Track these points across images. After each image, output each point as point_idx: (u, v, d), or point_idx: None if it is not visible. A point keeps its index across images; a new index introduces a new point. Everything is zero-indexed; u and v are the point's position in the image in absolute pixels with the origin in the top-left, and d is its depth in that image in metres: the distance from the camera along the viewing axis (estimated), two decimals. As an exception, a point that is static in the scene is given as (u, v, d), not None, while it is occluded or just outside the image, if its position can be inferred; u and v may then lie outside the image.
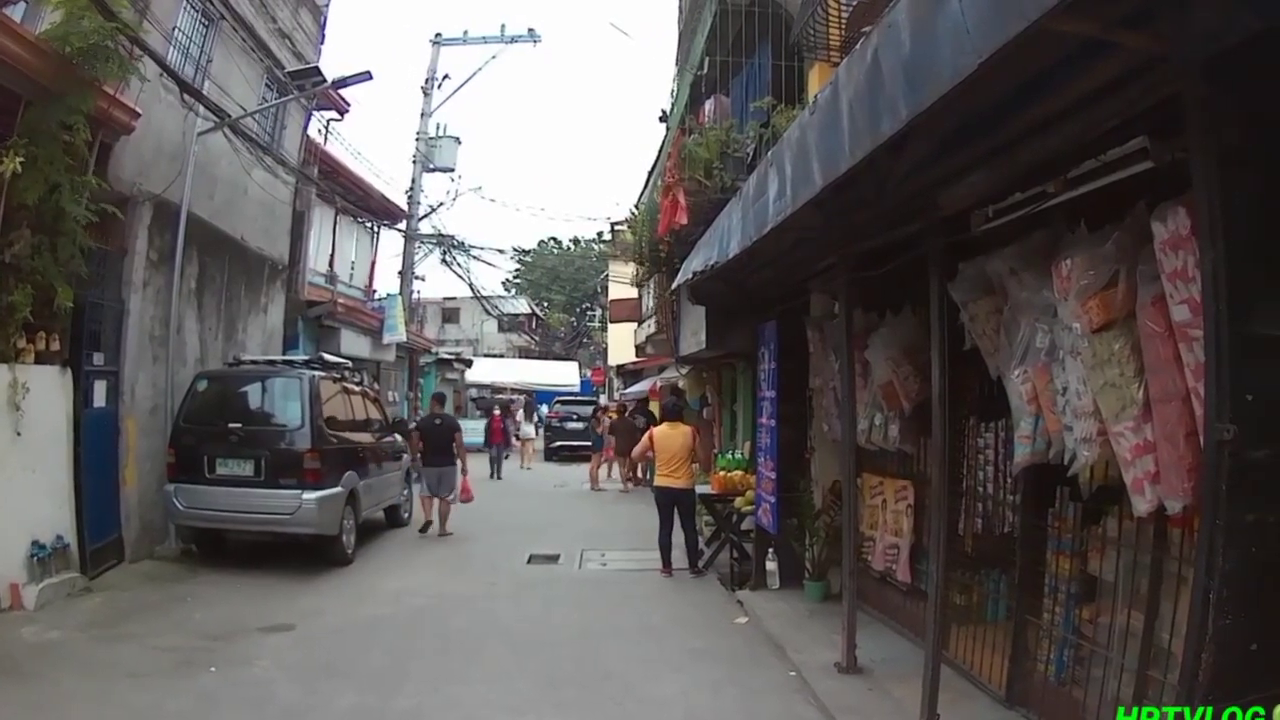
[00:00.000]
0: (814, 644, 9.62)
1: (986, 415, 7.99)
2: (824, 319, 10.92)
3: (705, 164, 12.26)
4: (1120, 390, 5.10)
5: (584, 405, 39.22)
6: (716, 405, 22.14)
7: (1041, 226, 6.14)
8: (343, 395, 15.71)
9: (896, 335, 8.97)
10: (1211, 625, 3.96)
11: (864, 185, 6.83)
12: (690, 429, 14.47)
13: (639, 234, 17.54)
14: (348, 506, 14.30)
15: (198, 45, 15.63)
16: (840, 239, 8.19)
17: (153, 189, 13.78)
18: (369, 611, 11.38)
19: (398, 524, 18.24)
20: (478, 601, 12.12)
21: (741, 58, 13.81)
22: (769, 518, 11.76)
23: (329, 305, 23.36)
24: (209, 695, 8.16)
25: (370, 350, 27.24)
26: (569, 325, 73.63)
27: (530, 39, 34.41)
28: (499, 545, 16.42)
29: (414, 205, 33.65)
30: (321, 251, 24.74)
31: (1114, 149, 4.87)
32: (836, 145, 5.55)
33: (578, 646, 10.08)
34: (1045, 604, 7.10)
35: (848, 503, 8.85)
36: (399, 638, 10.22)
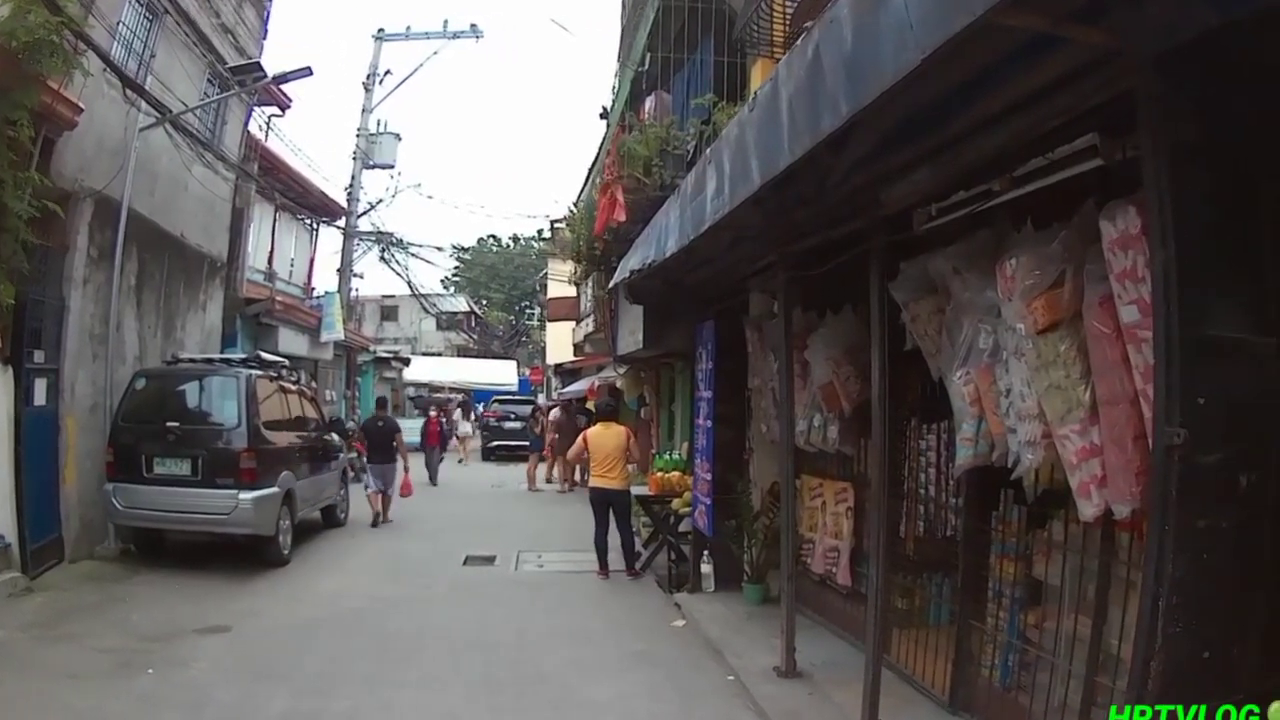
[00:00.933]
0: (753, 647, 9.47)
1: (928, 417, 7.89)
2: (763, 318, 10.79)
3: (644, 161, 12.08)
4: (1066, 392, 4.99)
5: (522, 405, 38.85)
6: (654, 405, 21.95)
7: (985, 225, 6.05)
8: (279, 394, 15.52)
9: (837, 335, 8.86)
10: (1161, 633, 3.84)
11: (804, 183, 6.69)
12: (625, 429, 14.32)
13: (577, 232, 17.34)
14: (284, 507, 14.12)
15: (141, 40, 15.34)
16: (780, 237, 8.05)
17: (94, 185, 13.52)
18: (305, 613, 11.19)
19: (334, 524, 18.06)
20: (414, 603, 11.93)
21: (684, 54, 13.64)
22: (705, 520, 11.60)
23: (267, 303, 23.03)
24: (148, 697, 8.01)
25: (308, 349, 26.89)
26: (507, 324, 73.10)
27: (473, 34, 34.24)
28: (435, 547, 16.23)
29: (353, 202, 33.29)
30: (260, 249, 24.51)
31: (1062, 146, 4.78)
32: (776, 142, 5.43)
33: (514, 649, 9.91)
34: (989, 608, 7.01)
35: (787, 505, 8.73)
36: (334, 640, 10.04)
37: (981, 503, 7.10)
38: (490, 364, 56.74)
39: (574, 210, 18.76)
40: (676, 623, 11.10)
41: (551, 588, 13.27)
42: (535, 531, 18.18)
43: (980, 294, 5.79)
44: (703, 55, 13.11)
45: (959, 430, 6.21)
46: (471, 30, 34.31)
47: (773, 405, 10.49)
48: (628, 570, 13.81)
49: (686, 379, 16.79)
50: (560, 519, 19.71)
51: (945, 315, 6.48)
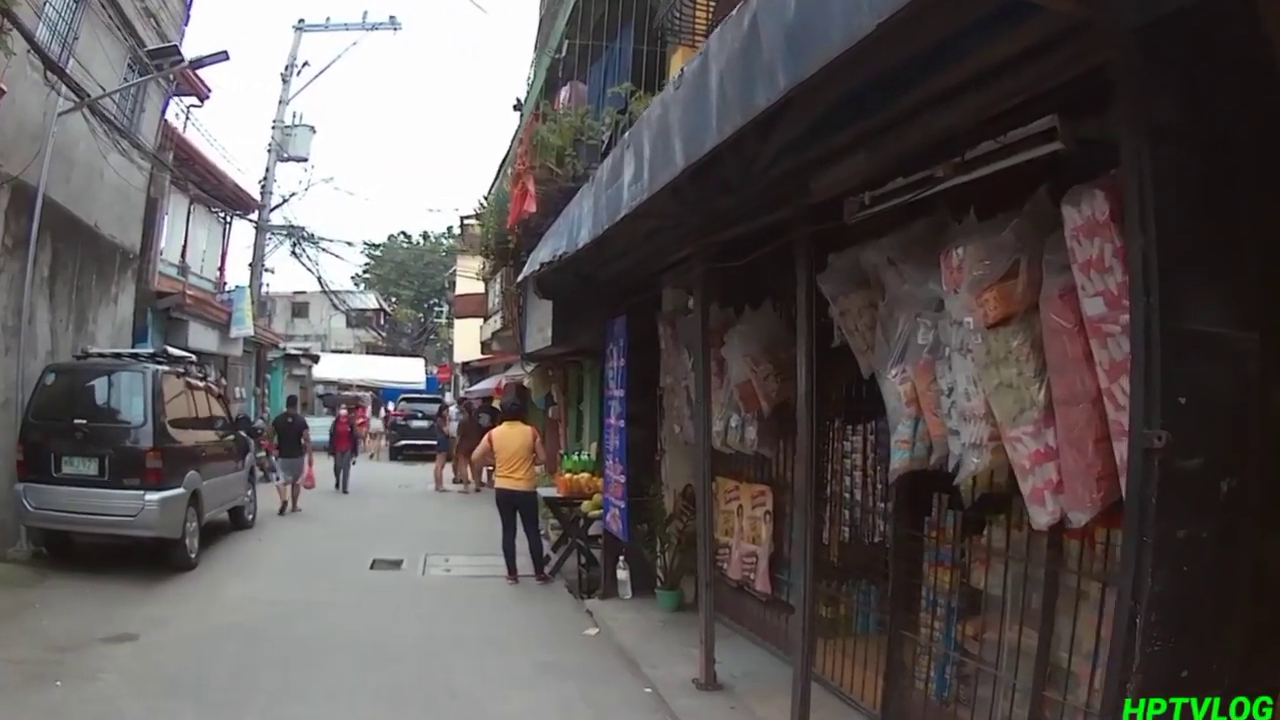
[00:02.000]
0: (669, 657, 8.97)
1: (853, 417, 7.46)
2: (676, 314, 10.29)
3: (557, 151, 11.47)
4: (1018, 391, 4.55)
5: (429, 403, 38.21)
6: (562, 404, 21.38)
7: (922, 215, 5.62)
8: (186, 391, 14.88)
9: (756, 332, 8.34)
10: (1139, 653, 3.42)
11: (728, 168, 6.25)
12: (531, 428, 13.82)
13: (486, 226, 16.71)
14: (190, 508, 13.50)
15: (66, 20, 14.71)
16: (699, 228, 7.56)
17: (10, 171, 12.91)
18: (212, 621, 10.61)
19: (242, 525, 17.37)
20: (321, 610, 11.34)
21: (603, 42, 13.12)
22: (619, 524, 11.04)
23: (178, 297, 22.42)
24: (56, 711, 7.59)
25: (218, 344, 26.35)
26: (416, 321, 72.48)
27: (391, 26, 33.96)
28: (343, 549, 15.61)
29: (267, 195, 32.72)
30: (174, 241, 24.03)
31: (1015, 130, 4.38)
32: (702, 122, 4.96)
33: (422, 660, 9.37)
34: (923, 619, 6.61)
35: (704, 509, 8.22)
36: (242, 649, 9.50)
37: (913, 508, 6.70)
38: (398, 362, 56.32)
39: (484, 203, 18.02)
40: (589, 631, 10.57)
41: (459, 593, 12.74)
42: (442, 533, 17.67)
43: (920, 286, 5.30)
44: (622, 44, 12.59)
45: (894, 432, 5.71)
46: (390, 22, 34.05)
47: (686, 405, 10.04)
48: (537, 575, 13.25)
49: (595, 377, 16.30)
50: (467, 521, 19.06)
51: (878, 310, 6.01)
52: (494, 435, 13.65)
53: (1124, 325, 3.70)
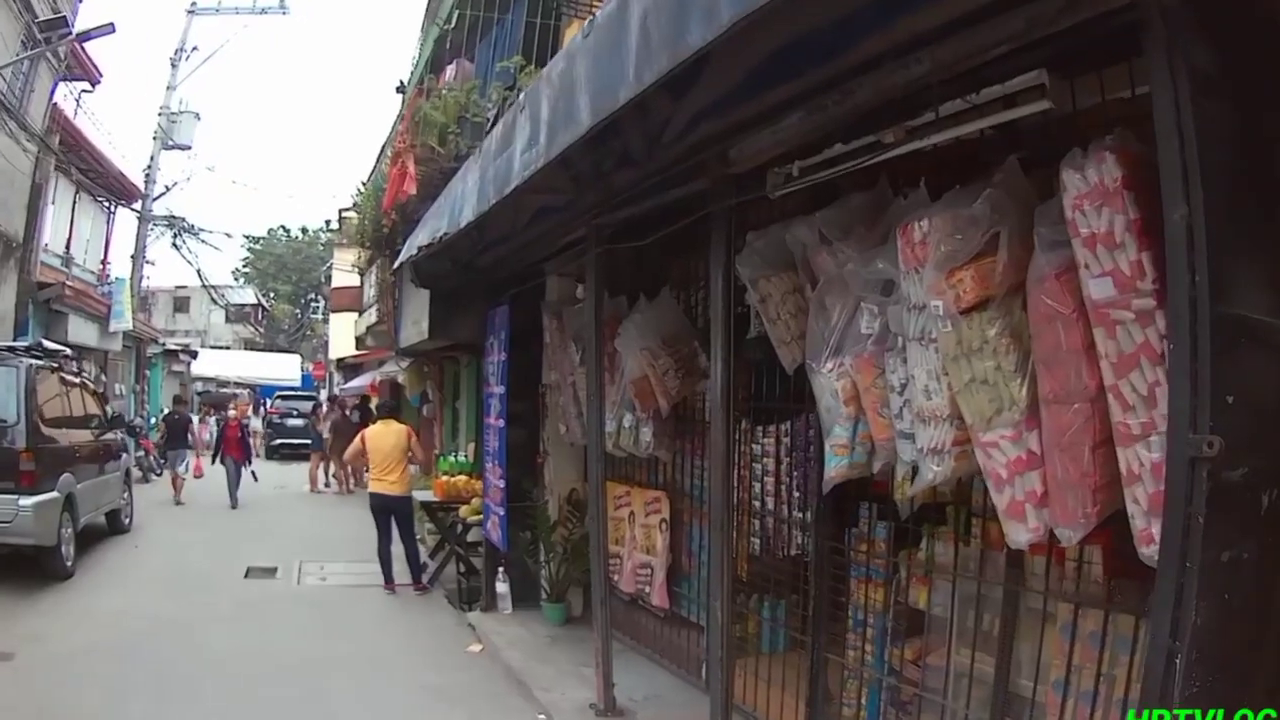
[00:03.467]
0: (562, 679, 8.02)
1: (763, 418, 6.58)
2: (563, 304, 9.30)
3: (440, 128, 10.33)
4: (995, 388, 3.74)
5: (305, 400, 36.81)
6: (438, 402, 20.14)
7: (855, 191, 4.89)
8: (61, 387, 13.59)
9: (653, 322, 7.38)
10: (1179, 696, 2.80)
11: (631, 138, 5.44)
12: (406, 428, 12.75)
13: (363, 213, 15.50)
14: (65, 513, 12.23)
15: None
16: (594, 206, 6.60)
17: None
18: (88, 637, 9.52)
19: (119, 530, 15.99)
20: (196, 626, 10.17)
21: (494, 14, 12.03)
22: (498, 532, 9.99)
23: (58, 288, 21.19)
24: None
25: (98, 339, 25.06)
26: (294, 317, 70.55)
27: (280, 9, 33.32)
28: (218, 555, 14.31)
29: (150, 184, 31.60)
30: (59, 229, 22.91)
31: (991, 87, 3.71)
32: (617, 70, 4.14)
33: (300, 683, 8.34)
34: (850, 639, 5.87)
35: (596, 519, 7.22)
36: (116, 670, 8.47)
37: (837, 519, 5.91)
38: (274, 358, 54.72)
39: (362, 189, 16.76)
40: (473, 648, 9.54)
41: (336, 605, 11.62)
42: (318, 538, 16.48)
43: (866, 267, 4.40)
44: (514, 17, 11.52)
45: (828, 435, 4.81)
46: (279, 6, 33.34)
47: (573, 403, 9.10)
48: (415, 585, 12.17)
49: (473, 373, 15.20)
50: (342, 524, 17.75)
51: (805, 295, 5.15)
52: (367, 435, 12.62)
53: (1138, 311, 3.11)
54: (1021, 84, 3.62)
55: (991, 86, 3.72)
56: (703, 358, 7.18)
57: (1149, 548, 3.13)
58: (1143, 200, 3.08)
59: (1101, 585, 4.30)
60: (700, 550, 7.70)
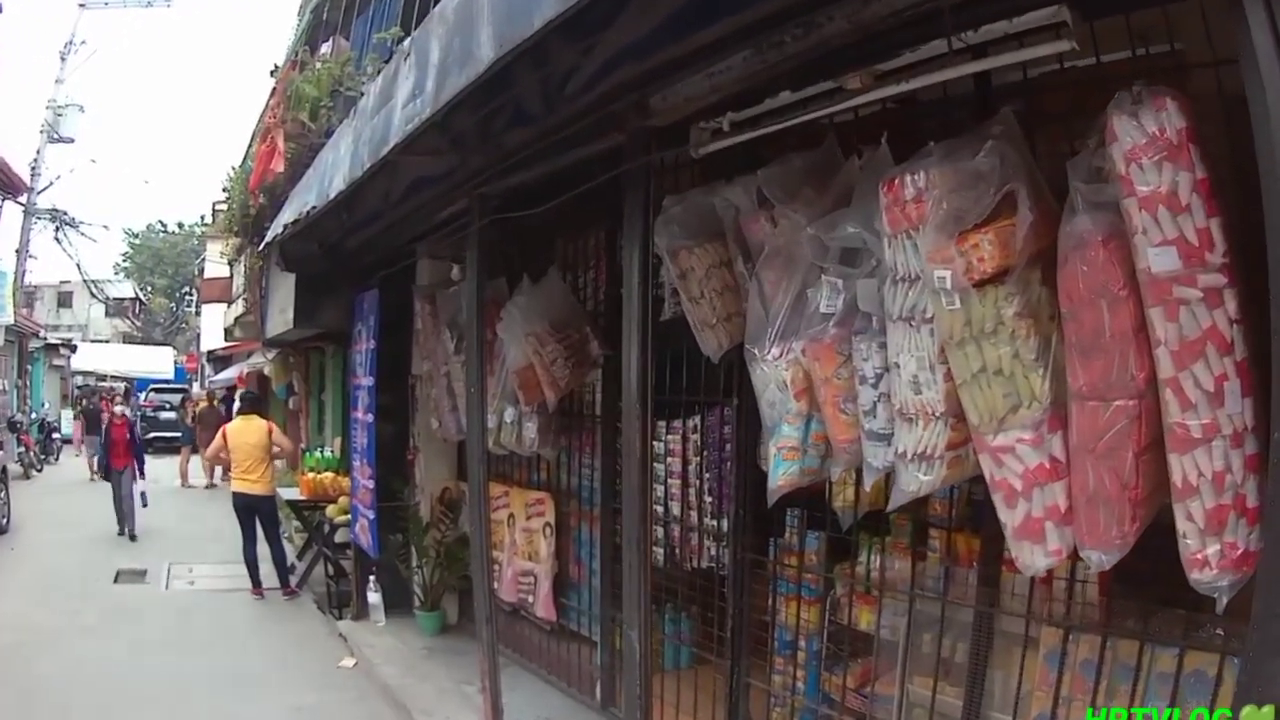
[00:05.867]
0: (443, 699, 6.86)
1: (667, 412, 5.40)
2: (436, 288, 8.01)
3: (312, 103, 8.97)
4: (1013, 380, 2.73)
5: (177, 394, 34.84)
6: (304, 394, 18.48)
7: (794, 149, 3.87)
8: None
9: (540, 306, 6.16)
10: None
11: (526, 90, 4.31)
12: (268, 424, 11.42)
13: (232, 197, 13.96)
14: None
15: None
16: (478, 173, 5.39)
17: None
18: None
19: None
20: (64, 638, 9.01)
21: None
22: (368, 537, 8.66)
23: None
24: None
25: None
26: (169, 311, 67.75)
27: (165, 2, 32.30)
28: (90, 557, 13.01)
29: (36, 177, 29.46)
30: None
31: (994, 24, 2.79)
32: None
33: (170, 704, 7.24)
34: (777, 664, 4.87)
35: (478, 524, 5.86)
36: None
37: (759, 527, 4.85)
38: (148, 351, 51.98)
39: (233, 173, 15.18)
40: (345, 662, 8.27)
41: (205, 612, 10.28)
42: (186, 536, 15.06)
43: (829, 230, 3.28)
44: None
45: (774, 435, 3.68)
46: None
47: (446, 395, 7.86)
48: (283, 589, 10.82)
49: (339, 364, 13.82)
50: (211, 519, 16.27)
51: (735, 270, 4.08)
52: (228, 430, 11.26)
53: (1206, 289, 2.39)
54: (1037, 21, 2.70)
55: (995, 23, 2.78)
56: (595, 345, 6.09)
57: (1202, 573, 2.46)
58: (1207, 158, 2.39)
59: (1098, 606, 3.47)
60: (591, 558, 6.59)
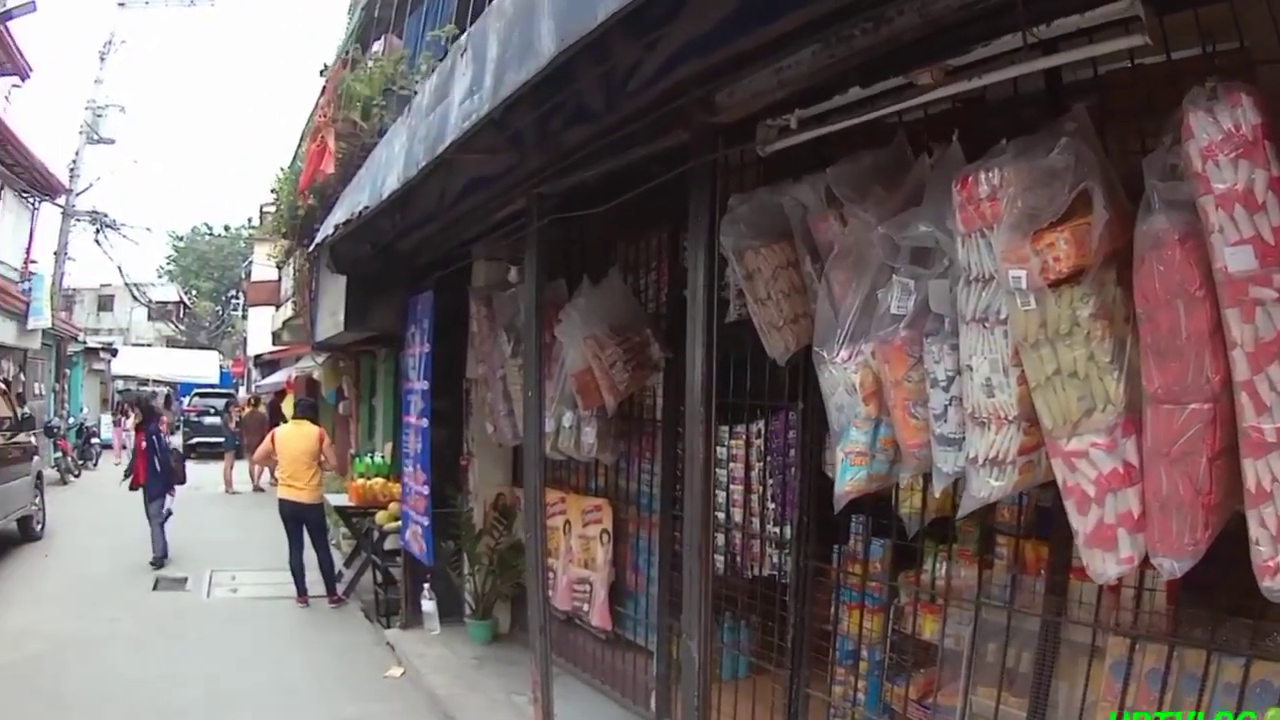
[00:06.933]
0: (493, 710, 6.96)
1: (730, 416, 5.45)
2: (492, 290, 8.16)
3: (364, 102, 9.09)
4: (1087, 383, 2.78)
5: (221, 398, 35.12)
6: (354, 399, 18.63)
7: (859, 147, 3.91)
8: None
9: (600, 308, 6.27)
10: None
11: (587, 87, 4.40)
12: (319, 431, 11.53)
13: (281, 199, 14.16)
14: None
15: None
16: (536, 172, 5.51)
17: None
18: None
19: (31, 537, 14.78)
20: (99, 646, 9.03)
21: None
22: (422, 544, 8.75)
23: None
24: None
25: (16, 336, 23.49)
26: (215, 314, 68.71)
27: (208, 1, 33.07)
28: (127, 563, 13.01)
29: (75, 179, 29.98)
30: None
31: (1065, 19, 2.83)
32: None
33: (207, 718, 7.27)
34: (837, 673, 4.91)
35: (534, 531, 6.02)
36: (9, 700, 7.49)
37: (821, 534, 4.91)
38: (193, 355, 52.65)
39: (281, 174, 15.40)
40: (393, 671, 8.36)
41: (247, 621, 10.38)
42: (230, 543, 15.19)
43: (902, 230, 3.34)
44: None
45: (842, 439, 3.73)
46: None
47: (502, 399, 7.99)
48: (329, 596, 10.99)
49: (390, 368, 14.05)
50: (256, 527, 16.39)
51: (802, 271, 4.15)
52: (276, 436, 11.46)
53: None
54: (1108, 15, 2.73)
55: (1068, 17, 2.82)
56: (656, 348, 6.19)
57: (1274, 580, 2.50)
58: (1279, 154, 2.42)
59: (1165, 615, 3.48)
60: (648, 566, 6.67)
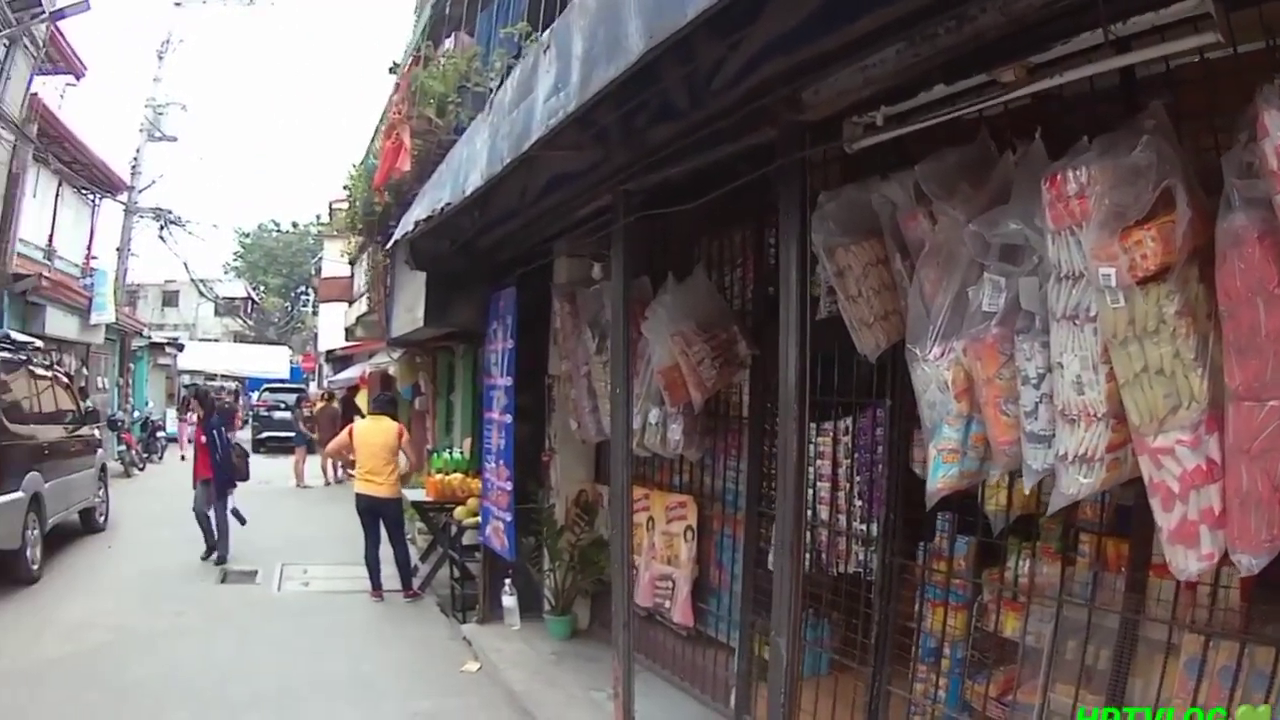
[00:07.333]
0: (571, 706, 7.17)
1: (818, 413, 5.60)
2: (576, 286, 8.40)
3: (439, 98, 9.35)
4: (1173, 380, 2.92)
5: (291, 393, 36.07)
6: (430, 394, 19.05)
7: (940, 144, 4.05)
8: (29, 380, 12.80)
9: (687, 304, 6.46)
10: None
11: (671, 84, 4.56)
12: (398, 427, 11.79)
13: (354, 194, 14.50)
14: (31, 514, 11.50)
15: None
16: (622, 169, 5.72)
17: None
18: (45, 652, 8.71)
19: (94, 529, 15.23)
20: (162, 639, 9.28)
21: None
22: (504, 539, 8.97)
23: (34, 279, 20.12)
24: None
25: (79, 331, 24.04)
26: (284, 310, 69.80)
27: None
28: (193, 556, 13.28)
29: (136, 176, 30.92)
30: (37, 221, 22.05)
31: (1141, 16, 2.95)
32: None
33: (275, 710, 7.42)
34: (918, 670, 5.04)
35: (621, 527, 6.21)
36: (69, 691, 7.62)
37: (907, 531, 5.08)
38: (262, 350, 54.08)
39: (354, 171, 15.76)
40: (469, 666, 8.61)
41: (319, 615, 10.67)
42: (302, 538, 15.55)
43: (992, 227, 3.51)
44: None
45: (934, 436, 3.92)
46: None
47: (586, 396, 8.22)
48: (404, 590, 11.31)
49: (468, 363, 14.41)
50: (329, 521, 16.78)
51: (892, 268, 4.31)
52: (356, 430, 11.78)
53: None
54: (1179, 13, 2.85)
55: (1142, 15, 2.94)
56: (742, 345, 6.37)
57: None
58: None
59: (1239, 613, 3.60)
60: (732, 563, 6.86)
